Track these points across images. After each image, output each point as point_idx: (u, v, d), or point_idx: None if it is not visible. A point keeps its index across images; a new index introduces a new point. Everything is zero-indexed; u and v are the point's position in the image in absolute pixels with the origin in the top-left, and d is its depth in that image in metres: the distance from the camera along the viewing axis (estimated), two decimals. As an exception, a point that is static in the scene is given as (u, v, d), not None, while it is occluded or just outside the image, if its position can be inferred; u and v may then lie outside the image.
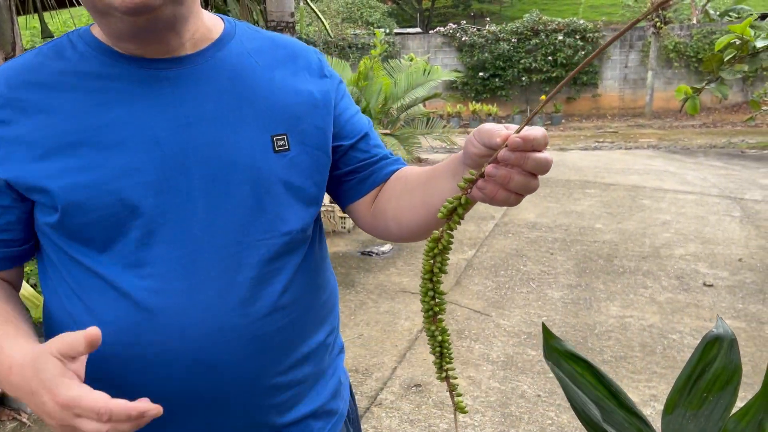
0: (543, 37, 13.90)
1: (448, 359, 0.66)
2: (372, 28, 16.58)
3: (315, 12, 5.74)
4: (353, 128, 0.95)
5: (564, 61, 13.67)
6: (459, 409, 0.64)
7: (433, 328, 0.65)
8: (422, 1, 25.61)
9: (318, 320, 0.94)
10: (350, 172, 0.95)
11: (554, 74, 13.80)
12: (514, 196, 0.63)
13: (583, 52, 13.69)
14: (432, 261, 0.64)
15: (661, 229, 5.27)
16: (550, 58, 13.81)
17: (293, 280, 0.86)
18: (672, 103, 13.98)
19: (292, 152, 0.85)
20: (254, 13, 5.37)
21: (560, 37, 13.73)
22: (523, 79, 14.00)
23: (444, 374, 0.66)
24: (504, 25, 14.69)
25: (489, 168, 0.61)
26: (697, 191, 6.64)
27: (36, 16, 3.88)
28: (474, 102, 13.86)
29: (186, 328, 0.79)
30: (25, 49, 3.92)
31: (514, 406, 2.71)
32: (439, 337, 0.65)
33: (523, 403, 2.73)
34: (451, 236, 0.62)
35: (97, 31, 0.83)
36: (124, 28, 0.76)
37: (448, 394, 2.77)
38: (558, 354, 0.63)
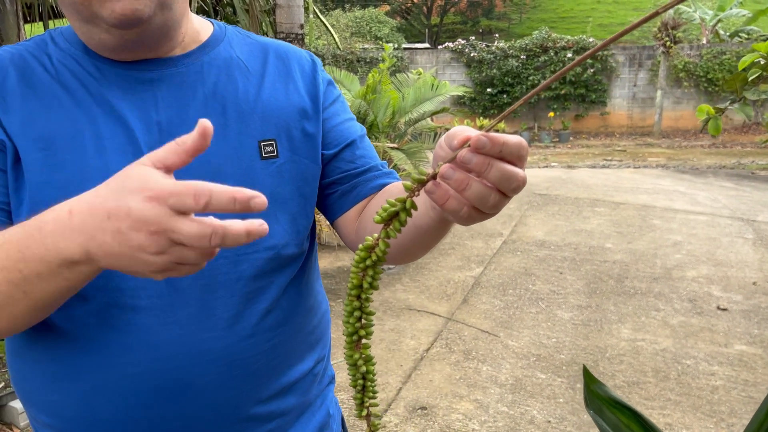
0: (552, 54, 13.88)
1: (371, 393, 0.56)
2: (380, 42, 16.62)
3: (325, 25, 5.71)
4: (339, 136, 0.87)
5: (573, 79, 13.63)
6: None
7: (356, 356, 0.55)
8: (431, 16, 25.73)
9: (305, 347, 0.87)
10: (332, 184, 0.87)
11: (563, 91, 13.76)
12: (467, 208, 0.51)
13: (592, 70, 13.66)
14: (362, 274, 0.53)
15: (673, 250, 5.17)
16: (558, 75, 13.80)
17: (279, 302, 0.80)
18: (681, 122, 13.91)
19: (280, 159, 0.79)
20: (264, 24, 5.34)
21: (569, 55, 13.70)
22: (532, 95, 13.99)
23: (365, 411, 0.56)
24: (513, 42, 14.69)
25: (444, 168, 0.50)
26: (708, 212, 6.54)
27: (41, 24, 3.85)
28: (482, 118, 13.83)
29: (158, 348, 0.72)
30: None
31: (523, 432, 2.61)
32: (363, 368, 0.55)
33: (532, 429, 2.63)
34: (387, 245, 0.52)
35: None
36: (111, 41, 0.72)
37: (454, 417, 2.68)
38: (600, 401, 0.55)
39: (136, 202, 0.49)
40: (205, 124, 0.50)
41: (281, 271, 0.80)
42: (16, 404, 2.56)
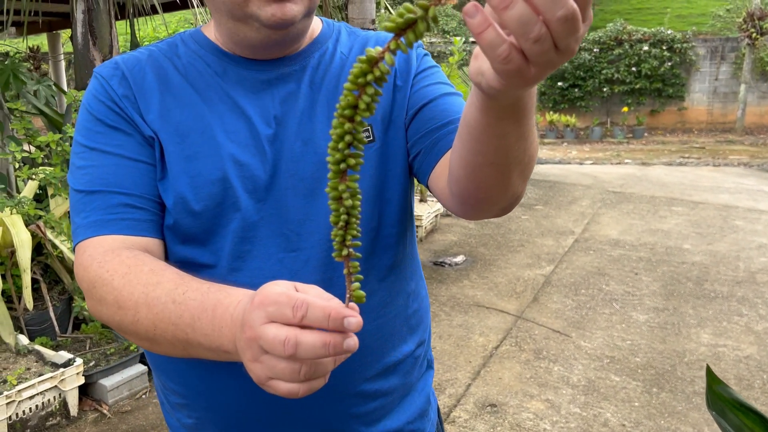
0: (627, 47, 13.39)
1: (354, 231, 0.50)
2: (448, 36, 16.49)
3: (396, 19, 5.72)
4: (420, 97, 0.85)
5: (649, 73, 13.10)
6: (356, 298, 0.52)
7: (342, 187, 0.48)
8: (500, 10, 25.30)
9: (407, 329, 0.90)
10: (415, 145, 0.85)
11: (638, 85, 13.25)
12: (507, 46, 0.42)
13: (669, 64, 13.09)
14: (359, 91, 0.44)
15: (757, 252, 4.91)
16: (633, 69, 13.28)
17: (383, 283, 0.84)
18: (766, 118, 13.15)
19: (376, 144, 0.83)
20: (336, 19, 5.42)
21: (645, 48, 13.19)
22: (605, 90, 13.53)
23: (346, 251, 0.51)
24: (586, 35, 14.23)
25: None
26: (796, 213, 6.17)
27: (129, 21, 4.03)
28: (551, 112, 13.51)
29: None
30: (121, 52, 4.09)
31: (597, 434, 2.55)
32: (348, 201, 0.49)
33: (607, 433, 2.56)
34: (393, 62, 0.43)
35: (208, 31, 0.85)
36: (256, 38, 0.78)
37: (525, 416, 2.64)
38: (723, 402, 0.53)
39: (250, 305, 0.53)
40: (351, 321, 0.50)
41: (384, 252, 0.84)
42: (106, 381, 2.71)
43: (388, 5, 6.07)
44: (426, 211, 5.46)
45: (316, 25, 0.89)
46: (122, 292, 0.66)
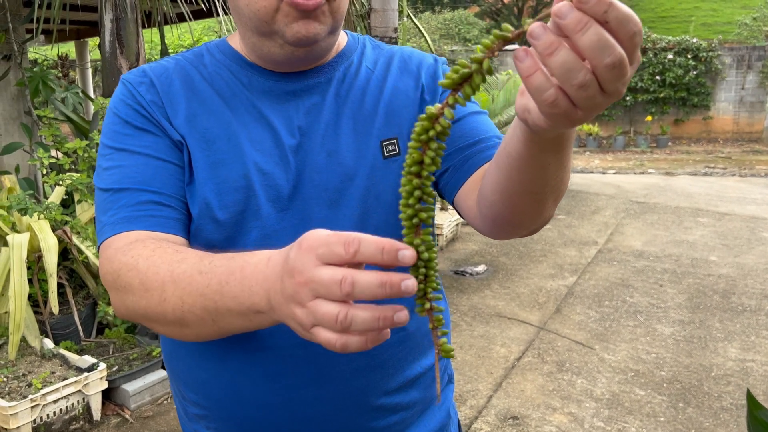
0: (651, 55, 13.25)
1: (434, 283, 0.49)
2: (469, 44, 16.48)
3: (418, 28, 5.73)
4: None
5: (673, 81, 12.95)
6: (444, 352, 0.49)
7: (417, 241, 0.48)
8: (521, 17, 25.27)
9: (427, 343, 0.90)
10: (443, 163, 0.84)
11: (662, 94, 13.10)
12: (555, 90, 0.43)
13: (694, 72, 12.92)
14: (423, 148, 0.46)
15: (786, 265, 4.80)
16: (657, 77, 13.13)
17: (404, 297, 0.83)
18: (794, 128, 12.88)
19: (402, 156, 0.83)
20: (359, 28, 5.44)
21: (670, 56, 13.04)
22: (628, 98, 13.39)
23: (428, 305, 0.50)
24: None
25: (534, 25, 0.41)
26: (827, 226, 6.03)
27: (156, 30, 4.09)
28: (573, 121, 13.39)
29: (297, 336, 0.75)
30: (147, 60, 4.15)
31: (621, 450, 2.51)
32: (425, 254, 0.48)
33: (631, 448, 2.52)
34: (453, 116, 0.45)
35: (234, 42, 0.85)
36: (280, 54, 0.78)
37: (548, 430, 2.60)
38: (765, 429, 0.51)
39: (294, 251, 0.50)
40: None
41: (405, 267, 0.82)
42: (128, 387, 2.73)
43: (410, 14, 6.08)
44: (447, 219, 5.44)
45: (342, 38, 0.88)
46: (147, 273, 0.65)
